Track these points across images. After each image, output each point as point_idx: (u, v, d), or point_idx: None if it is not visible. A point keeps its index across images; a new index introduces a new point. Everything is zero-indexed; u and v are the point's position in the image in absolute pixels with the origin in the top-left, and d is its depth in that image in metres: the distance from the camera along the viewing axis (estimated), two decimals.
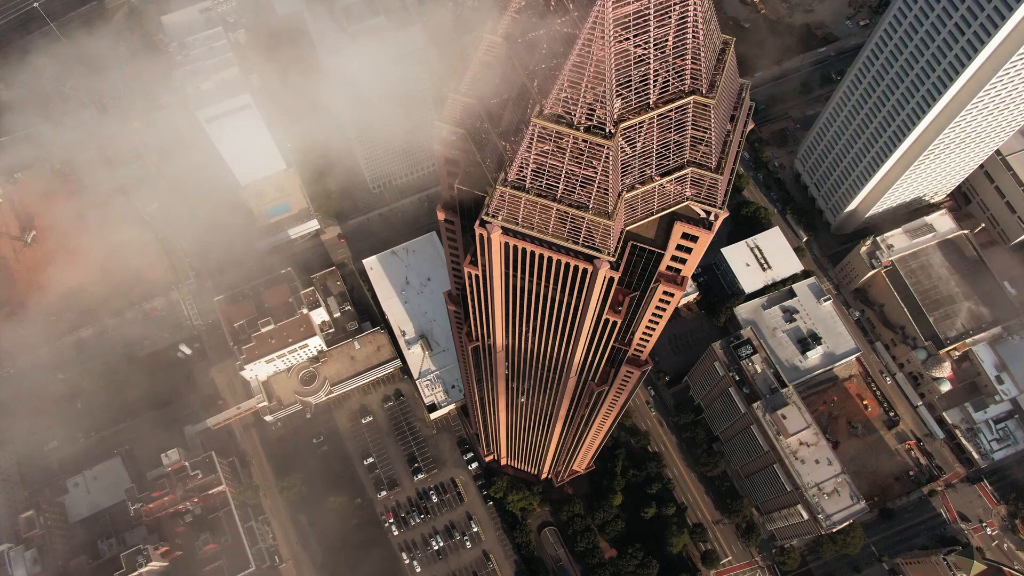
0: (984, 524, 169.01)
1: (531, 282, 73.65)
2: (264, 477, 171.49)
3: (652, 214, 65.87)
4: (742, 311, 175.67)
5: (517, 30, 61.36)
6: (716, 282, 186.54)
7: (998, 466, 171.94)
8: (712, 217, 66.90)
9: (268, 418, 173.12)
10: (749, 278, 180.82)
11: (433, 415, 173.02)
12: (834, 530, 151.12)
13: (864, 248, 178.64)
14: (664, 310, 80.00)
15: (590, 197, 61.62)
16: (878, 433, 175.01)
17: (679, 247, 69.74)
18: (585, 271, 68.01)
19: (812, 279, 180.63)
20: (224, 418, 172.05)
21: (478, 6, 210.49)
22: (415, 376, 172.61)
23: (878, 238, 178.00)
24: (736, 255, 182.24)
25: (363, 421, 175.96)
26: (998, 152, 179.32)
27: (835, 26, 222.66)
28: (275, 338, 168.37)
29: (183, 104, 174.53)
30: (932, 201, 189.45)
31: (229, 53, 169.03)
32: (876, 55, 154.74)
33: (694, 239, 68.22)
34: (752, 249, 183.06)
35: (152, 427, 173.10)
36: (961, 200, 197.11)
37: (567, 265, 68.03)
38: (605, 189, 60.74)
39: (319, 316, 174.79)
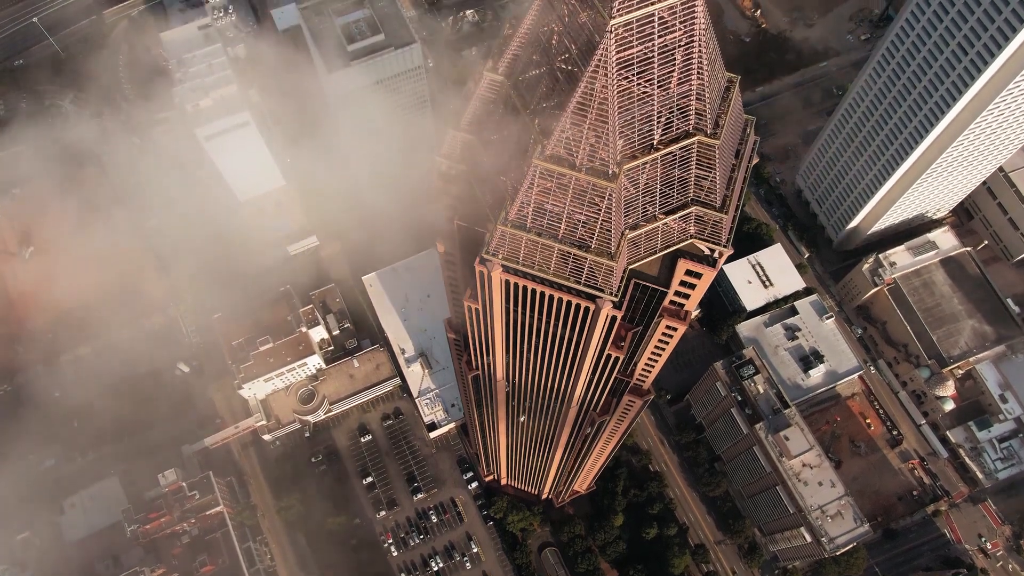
0: (985, 541, 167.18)
1: (532, 318, 72.53)
2: (262, 497, 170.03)
3: (655, 252, 64.87)
4: (744, 329, 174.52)
5: (518, 68, 60.40)
6: (718, 299, 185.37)
7: (1002, 486, 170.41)
8: (716, 254, 65.94)
9: (266, 437, 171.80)
10: (751, 295, 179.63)
11: (433, 434, 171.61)
12: (837, 553, 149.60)
13: (866, 265, 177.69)
14: (667, 343, 78.93)
15: (592, 237, 60.54)
16: (881, 452, 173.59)
17: (682, 283, 68.79)
18: (587, 309, 66.90)
19: (814, 296, 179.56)
20: (222, 437, 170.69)
21: (476, 21, 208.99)
22: (414, 394, 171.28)
23: (880, 255, 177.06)
24: (738, 272, 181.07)
25: (362, 440, 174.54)
26: (1000, 168, 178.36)
27: (836, 40, 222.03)
28: (273, 356, 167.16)
29: (182, 121, 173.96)
30: (935, 217, 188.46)
31: (228, 70, 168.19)
32: (879, 73, 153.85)
33: (698, 276, 67.29)
34: (754, 266, 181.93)
35: (149, 446, 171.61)
36: (963, 216, 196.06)
37: (568, 303, 66.94)
38: (608, 229, 59.64)
39: (318, 334, 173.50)
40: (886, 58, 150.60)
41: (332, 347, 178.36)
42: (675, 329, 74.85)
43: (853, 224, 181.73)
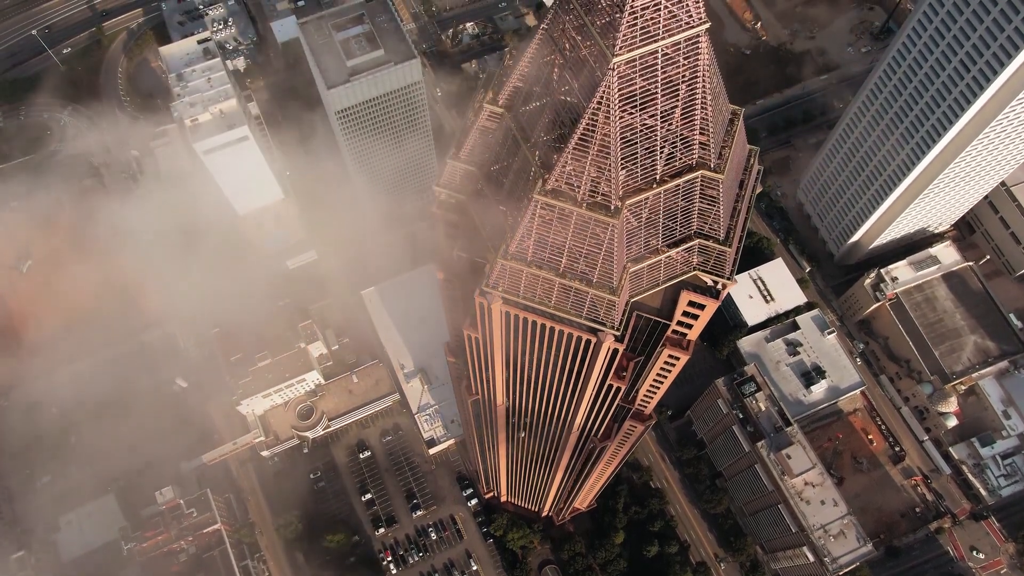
0: (978, 553, 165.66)
1: (533, 349, 71.53)
2: (260, 514, 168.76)
3: (658, 285, 63.98)
4: (745, 344, 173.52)
5: (519, 99, 59.53)
6: (719, 314, 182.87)
7: (1006, 502, 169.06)
8: (720, 286, 65.06)
9: (265, 453, 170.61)
10: (752, 310, 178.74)
11: (432, 450, 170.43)
12: (840, 573, 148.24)
13: (868, 280, 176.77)
14: (670, 371, 78.00)
15: (594, 271, 59.61)
16: (883, 468, 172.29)
17: (685, 313, 67.88)
18: (588, 342, 65.96)
19: (816, 311, 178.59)
20: (220, 454, 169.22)
21: (476, 33, 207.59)
22: (414, 410, 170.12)
23: (882, 270, 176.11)
24: (739, 287, 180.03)
25: (361, 456, 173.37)
26: (1002, 183, 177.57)
27: (836, 53, 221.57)
28: (272, 372, 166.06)
29: (181, 134, 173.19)
30: (936, 231, 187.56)
31: (228, 85, 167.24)
32: (880, 88, 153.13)
33: (701, 307, 66.41)
34: (755, 281, 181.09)
35: (147, 462, 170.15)
36: (965, 229, 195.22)
37: (570, 336, 65.98)
38: (610, 263, 58.70)
39: (317, 349, 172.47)
40: (888, 74, 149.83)
41: (331, 362, 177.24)
42: (678, 358, 73.96)
43: (854, 239, 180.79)
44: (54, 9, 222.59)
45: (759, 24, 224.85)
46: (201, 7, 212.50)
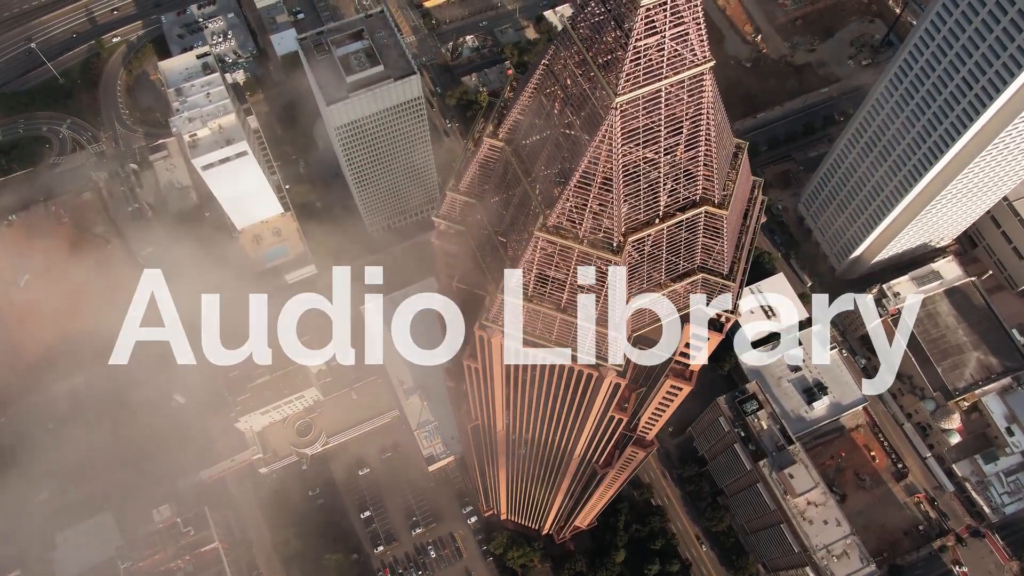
0: (963, 568, 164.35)
1: (533, 381, 70.56)
2: (258, 532, 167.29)
3: (661, 319, 62.97)
4: (746, 360, 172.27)
5: (519, 133, 58.65)
6: None
7: (1009, 520, 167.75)
8: (723, 319, 64.18)
9: (263, 470, 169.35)
10: (753, 325, 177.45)
11: (432, 467, 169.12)
12: None
13: (870, 296, 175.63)
14: (672, 401, 76.99)
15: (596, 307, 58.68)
16: (886, 485, 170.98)
17: (688, 345, 66.95)
18: (590, 376, 64.96)
19: (817, 326, 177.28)
20: (218, 471, 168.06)
21: (476, 47, 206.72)
22: (413, 427, 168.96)
23: (884, 286, 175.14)
24: (740, 302, 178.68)
25: (360, 473, 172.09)
26: (1004, 197, 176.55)
27: (837, 66, 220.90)
28: (270, 388, 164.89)
29: (180, 149, 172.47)
30: (938, 246, 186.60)
31: (227, 100, 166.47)
32: (882, 103, 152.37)
33: (704, 339, 65.42)
34: (756, 296, 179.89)
35: (144, 478, 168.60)
36: (967, 244, 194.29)
37: (571, 369, 65.01)
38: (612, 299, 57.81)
39: (315, 365, 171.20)
40: (890, 90, 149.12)
41: (330, 378, 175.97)
42: (680, 389, 72.99)
43: (856, 254, 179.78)
44: (53, 22, 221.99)
45: (759, 37, 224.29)
46: (201, 20, 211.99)
